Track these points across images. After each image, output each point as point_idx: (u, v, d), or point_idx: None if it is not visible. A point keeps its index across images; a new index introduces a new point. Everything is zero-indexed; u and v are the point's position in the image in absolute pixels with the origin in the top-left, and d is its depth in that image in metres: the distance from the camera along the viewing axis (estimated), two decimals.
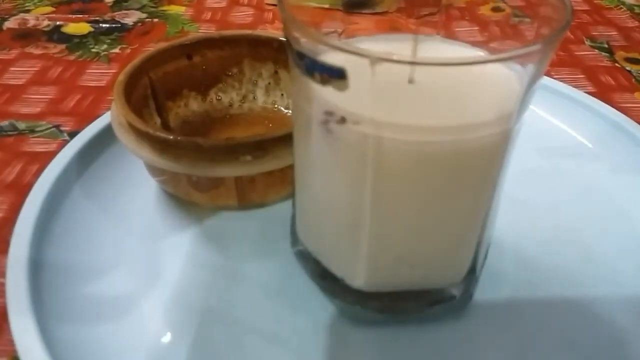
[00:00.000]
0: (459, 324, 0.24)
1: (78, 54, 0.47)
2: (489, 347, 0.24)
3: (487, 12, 0.26)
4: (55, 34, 0.50)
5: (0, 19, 0.53)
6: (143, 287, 0.26)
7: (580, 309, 0.25)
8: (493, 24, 0.24)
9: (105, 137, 0.32)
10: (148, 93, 0.32)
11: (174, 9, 0.56)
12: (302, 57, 0.19)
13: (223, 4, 0.57)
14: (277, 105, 0.36)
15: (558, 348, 0.24)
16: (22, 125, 0.38)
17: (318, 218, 0.24)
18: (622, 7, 0.57)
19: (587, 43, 0.50)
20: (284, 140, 0.26)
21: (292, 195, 0.26)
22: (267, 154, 0.26)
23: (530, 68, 0.18)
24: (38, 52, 0.47)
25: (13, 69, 0.45)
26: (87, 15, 0.54)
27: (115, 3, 0.56)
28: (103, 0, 0.57)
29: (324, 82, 0.18)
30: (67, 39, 0.50)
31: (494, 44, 0.23)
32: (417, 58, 0.20)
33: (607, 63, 0.47)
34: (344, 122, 0.19)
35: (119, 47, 0.48)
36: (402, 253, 0.22)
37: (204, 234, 0.29)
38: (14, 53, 0.47)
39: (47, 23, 0.52)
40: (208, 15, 0.55)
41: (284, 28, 0.20)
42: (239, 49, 0.34)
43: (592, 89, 0.43)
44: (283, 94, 0.35)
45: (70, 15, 0.54)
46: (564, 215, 0.30)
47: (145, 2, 0.57)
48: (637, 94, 0.42)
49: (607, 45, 0.50)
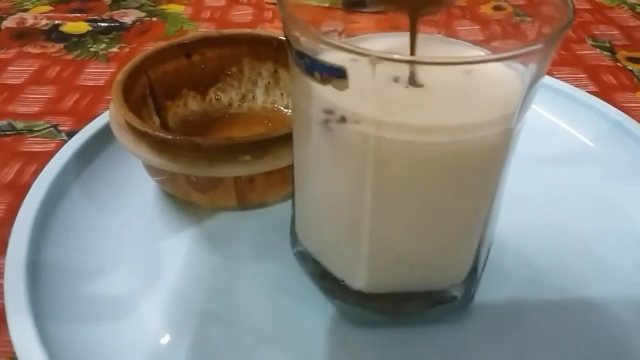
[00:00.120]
0: (460, 325, 0.24)
1: (76, 53, 0.47)
2: (491, 348, 0.24)
3: (488, 11, 0.25)
4: (54, 33, 0.50)
5: None
6: (142, 287, 0.26)
7: (582, 310, 0.25)
8: (494, 23, 0.24)
9: (104, 136, 0.32)
10: (147, 92, 0.32)
11: (173, 8, 0.56)
12: (302, 56, 0.18)
13: (222, 3, 0.57)
14: (276, 105, 0.36)
15: (559, 350, 0.24)
16: (20, 125, 0.38)
17: (318, 218, 0.24)
18: (624, 6, 0.57)
19: (589, 42, 0.50)
20: (284, 140, 0.25)
21: (291, 196, 0.25)
22: (266, 154, 0.26)
23: (532, 67, 0.18)
24: (36, 51, 0.47)
25: (11, 68, 0.45)
26: (85, 14, 0.54)
27: (114, 2, 0.56)
28: None
29: (324, 81, 0.18)
30: (65, 38, 0.49)
31: (495, 43, 0.23)
32: (417, 57, 0.20)
33: (609, 62, 0.47)
34: (344, 121, 0.19)
35: (118, 46, 0.48)
36: (402, 253, 0.22)
37: (204, 234, 0.29)
38: (12, 52, 0.47)
39: (45, 22, 0.52)
40: (207, 14, 0.55)
41: (284, 27, 0.20)
42: (239, 48, 0.34)
43: (593, 89, 0.43)
44: (283, 94, 0.35)
45: (69, 15, 0.54)
46: (565, 215, 0.30)
47: (144, 1, 0.57)
48: (638, 94, 0.42)
49: (609, 45, 0.49)
